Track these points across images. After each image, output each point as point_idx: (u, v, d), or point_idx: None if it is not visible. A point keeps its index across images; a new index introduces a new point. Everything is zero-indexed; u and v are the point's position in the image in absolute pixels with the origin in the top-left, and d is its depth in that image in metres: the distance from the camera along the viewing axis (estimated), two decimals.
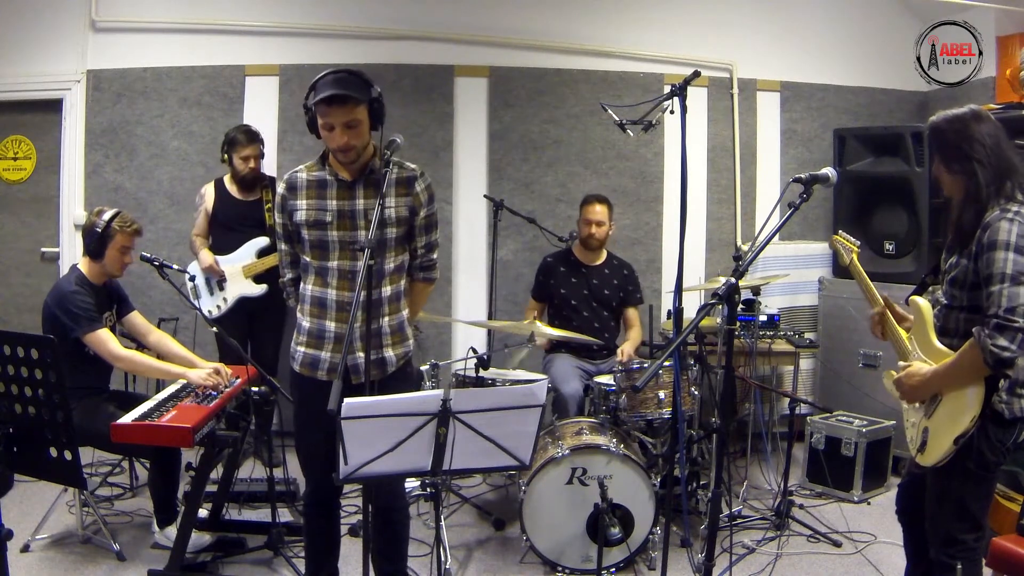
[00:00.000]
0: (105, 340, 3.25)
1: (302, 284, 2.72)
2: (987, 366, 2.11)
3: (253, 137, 4.36)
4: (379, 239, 2.59)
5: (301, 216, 2.62)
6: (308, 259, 2.66)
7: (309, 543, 2.90)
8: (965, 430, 2.19)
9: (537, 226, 4.44)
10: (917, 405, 2.39)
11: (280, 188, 2.70)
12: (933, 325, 2.35)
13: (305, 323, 2.69)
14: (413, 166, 2.71)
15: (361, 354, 2.59)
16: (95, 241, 3.34)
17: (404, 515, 2.87)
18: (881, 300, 2.54)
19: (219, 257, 4.34)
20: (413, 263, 2.78)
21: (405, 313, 2.76)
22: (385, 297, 2.66)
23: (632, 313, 4.42)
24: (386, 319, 2.68)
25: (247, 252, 4.35)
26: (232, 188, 4.38)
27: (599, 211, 4.24)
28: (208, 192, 4.40)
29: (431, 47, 4.96)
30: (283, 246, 2.76)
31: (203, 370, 3.33)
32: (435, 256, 2.83)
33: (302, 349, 2.69)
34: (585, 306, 4.27)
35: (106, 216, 3.36)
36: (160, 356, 3.56)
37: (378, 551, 2.79)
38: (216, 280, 4.34)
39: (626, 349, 4.18)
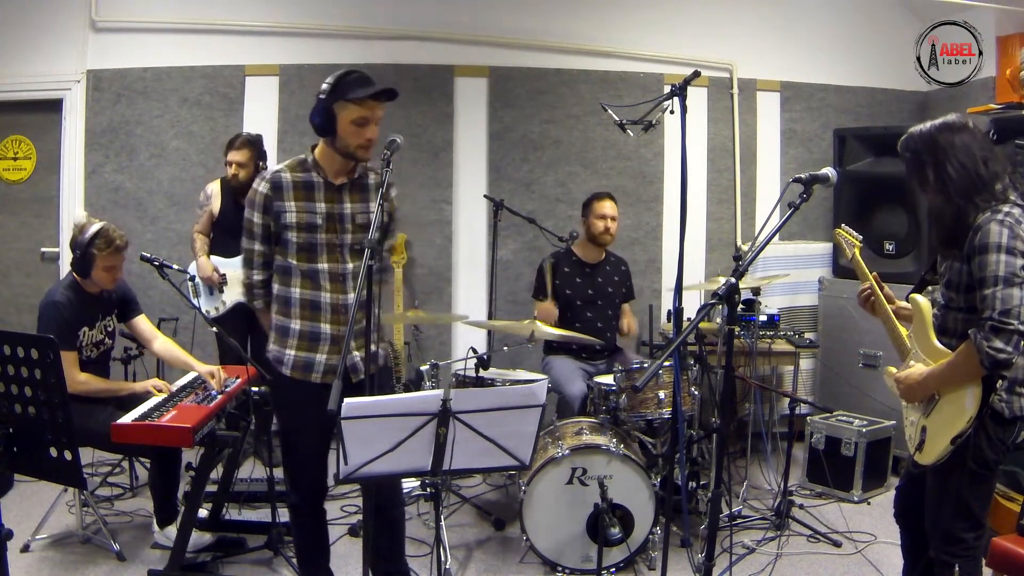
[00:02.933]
0: (67, 364, 3.13)
1: (281, 286, 2.68)
2: (983, 367, 2.12)
3: (233, 143, 4.26)
4: (378, 240, 2.61)
5: (291, 218, 2.59)
6: (293, 262, 2.63)
7: (301, 550, 2.89)
8: (962, 430, 2.19)
9: (537, 226, 4.45)
10: (916, 403, 2.40)
11: (263, 188, 2.60)
12: (933, 324, 2.35)
13: (295, 325, 2.65)
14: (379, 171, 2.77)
15: (357, 353, 2.63)
16: (78, 262, 3.27)
17: (402, 512, 2.89)
18: (871, 277, 2.56)
19: (221, 260, 4.33)
20: None
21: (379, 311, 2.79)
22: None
23: (625, 305, 4.46)
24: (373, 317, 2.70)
25: None
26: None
27: (610, 207, 4.24)
28: (215, 192, 4.36)
29: (431, 47, 4.97)
30: (257, 246, 2.66)
31: (145, 384, 3.39)
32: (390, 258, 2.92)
33: (292, 352, 2.66)
34: (590, 305, 4.26)
35: (88, 234, 3.23)
36: (164, 362, 3.65)
37: (378, 551, 2.78)
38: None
39: (630, 324, 4.31)
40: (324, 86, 2.53)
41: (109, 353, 3.56)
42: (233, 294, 4.33)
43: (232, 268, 4.33)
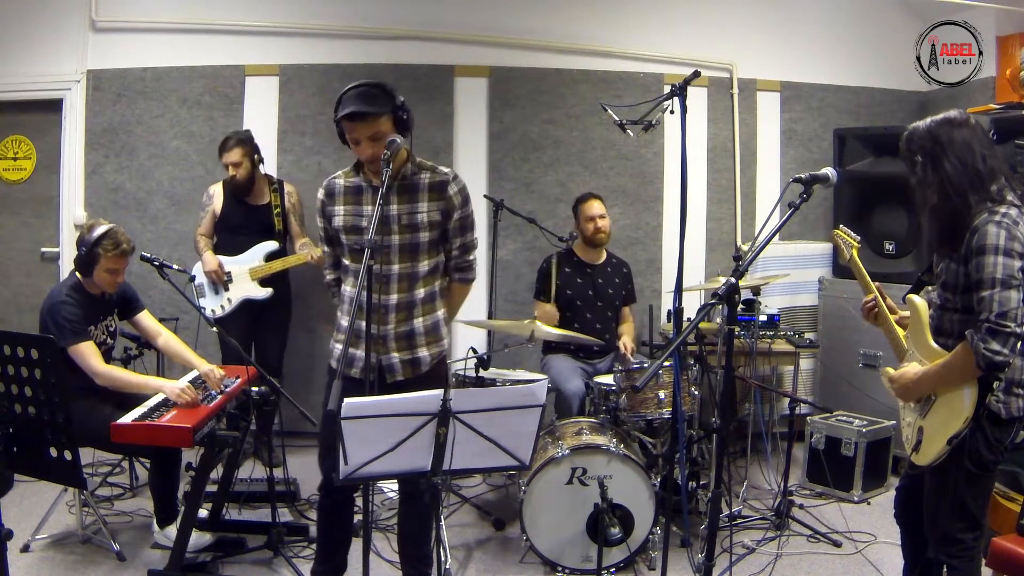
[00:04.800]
0: (86, 355, 3.19)
1: (343, 284, 2.83)
2: (979, 369, 2.12)
3: (227, 143, 4.26)
4: (412, 242, 2.68)
5: (339, 221, 2.72)
6: (347, 262, 2.77)
7: (321, 534, 2.94)
8: (958, 431, 2.20)
9: (537, 226, 4.45)
10: (913, 404, 2.40)
11: (320, 194, 2.79)
12: (929, 324, 2.35)
13: (344, 321, 2.79)
14: (446, 170, 2.76)
15: (395, 354, 2.70)
16: (81, 260, 3.28)
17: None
18: (875, 289, 2.56)
19: (226, 258, 4.34)
20: (448, 264, 2.83)
21: (440, 314, 2.81)
22: (419, 299, 2.73)
23: (626, 309, 4.46)
24: (419, 320, 2.74)
25: (255, 255, 4.35)
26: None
27: (597, 206, 4.26)
28: (216, 193, 4.39)
29: (431, 47, 4.96)
30: (325, 248, 2.90)
31: (177, 385, 3.19)
32: (471, 257, 2.87)
33: (340, 347, 2.79)
34: (589, 306, 4.26)
35: (95, 234, 3.25)
36: (167, 358, 3.61)
37: (406, 534, 2.90)
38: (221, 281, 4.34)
39: (628, 343, 4.24)
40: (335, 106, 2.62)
41: (110, 353, 3.56)
42: (239, 291, 4.33)
43: (238, 265, 4.34)
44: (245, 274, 4.33)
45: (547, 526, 3.28)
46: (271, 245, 4.34)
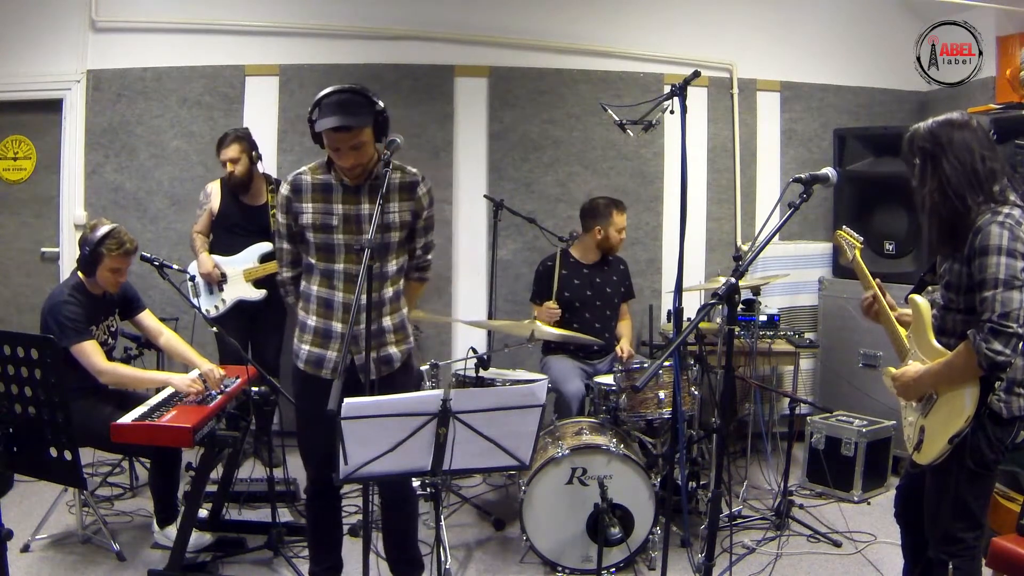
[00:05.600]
0: (89, 353, 3.20)
1: (305, 283, 2.75)
2: (981, 368, 2.12)
3: (224, 139, 4.26)
4: (383, 242, 2.66)
5: (307, 219, 2.66)
6: (313, 261, 2.70)
7: (312, 534, 2.95)
8: (960, 430, 2.20)
9: (537, 226, 4.45)
10: (915, 404, 2.40)
11: (284, 190, 2.70)
12: (931, 324, 2.35)
13: (310, 322, 2.73)
14: (414, 170, 2.78)
15: (373, 354, 2.64)
16: (85, 259, 3.28)
17: (414, 506, 2.95)
18: (875, 286, 2.56)
19: (220, 258, 4.34)
20: (410, 263, 2.84)
21: (405, 312, 2.84)
22: (388, 298, 2.73)
23: (624, 306, 4.45)
24: (388, 318, 2.75)
25: (249, 256, 4.35)
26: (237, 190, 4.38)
27: (623, 219, 4.28)
28: (214, 191, 4.38)
29: (431, 47, 4.96)
30: (285, 245, 2.78)
31: (187, 377, 3.29)
32: (431, 257, 2.90)
33: (307, 347, 2.73)
34: (588, 306, 4.26)
35: (99, 233, 3.26)
36: (168, 356, 3.62)
37: (390, 541, 2.90)
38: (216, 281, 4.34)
39: (625, 347, 4.22)
40: (312, 107, 2.55)
41: (111, 353, 3.56)
42: (233, 292, 4.33)
43: (232, 266, 4.34)
44: (239, 275, 4.33)
45: (547, 526, 3.28)
46: (265, 246, 4.34)
